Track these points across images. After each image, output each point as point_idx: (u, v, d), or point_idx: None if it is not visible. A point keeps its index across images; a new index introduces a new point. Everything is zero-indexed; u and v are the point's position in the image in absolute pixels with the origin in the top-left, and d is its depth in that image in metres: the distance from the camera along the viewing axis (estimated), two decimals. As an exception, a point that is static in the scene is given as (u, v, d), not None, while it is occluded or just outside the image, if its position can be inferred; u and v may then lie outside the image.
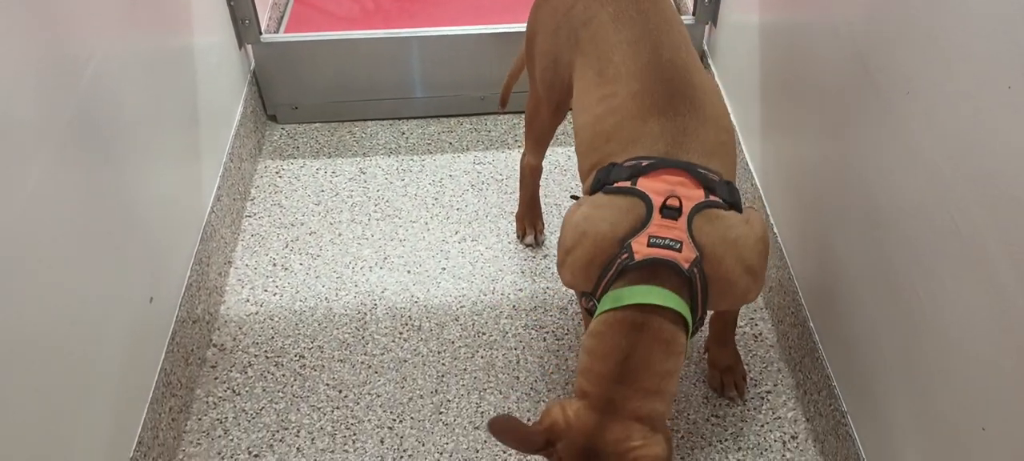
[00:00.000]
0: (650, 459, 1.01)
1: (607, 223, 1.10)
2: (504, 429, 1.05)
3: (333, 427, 1.44)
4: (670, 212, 1.08)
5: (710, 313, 1.36)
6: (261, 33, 1.97)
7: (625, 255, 1.08)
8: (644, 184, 1.10)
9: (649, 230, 1.07)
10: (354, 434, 1.43)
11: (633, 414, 1.03)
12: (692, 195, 1.09)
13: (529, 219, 1.74)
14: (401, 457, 1.40)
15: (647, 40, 1.21)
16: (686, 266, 1.06)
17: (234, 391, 1.51)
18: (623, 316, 1.06)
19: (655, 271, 1.06)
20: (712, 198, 1.10)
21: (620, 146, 1.16)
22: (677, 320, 1.07)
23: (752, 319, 1.60)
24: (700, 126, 1.15)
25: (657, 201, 1.08)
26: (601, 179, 1.15)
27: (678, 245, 1.06)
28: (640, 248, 1.07)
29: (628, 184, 1.11)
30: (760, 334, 1.58)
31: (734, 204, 1.14)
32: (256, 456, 1.41)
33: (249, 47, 2.00)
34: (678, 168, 1.11)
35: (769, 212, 1.61)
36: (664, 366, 1.05)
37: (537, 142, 1.58)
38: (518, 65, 1.70)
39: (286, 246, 1.79)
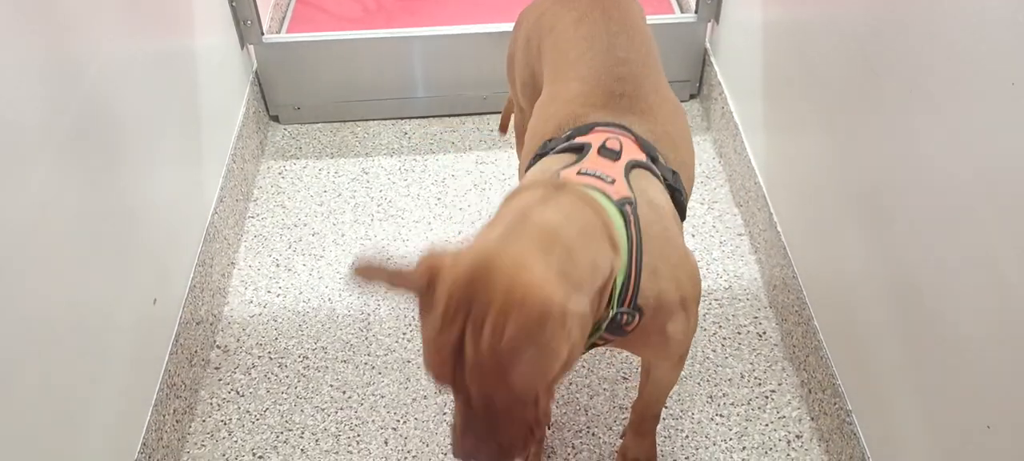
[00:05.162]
0: (539, 296, 0.70)
1: (540, 171, 1.02)
2: (368, 270, 0.75)
3: (337, 428, 1.45)
4: (608, 153, 0.96)
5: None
6: (263, 33, 1.98)
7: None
8: (582, 138, 1.02)
9: (581, 164, 0.95)
10: (358, 435, 1.43)
11: (541, 236, 0.76)
12: (632, 151, 0.98)
13: None
14: (405, 458, 1.40)
15: (602, 39, 1.16)
16: (617, 198, 0.89)
17: (238, 392, 1.51)
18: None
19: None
20: (653, 166, 1.00)
21: (557, 132, 1.09)
22: (607, 219, 0.85)
23: (756, 318, 1.60)
24: (643, 125, 1.07)
25: (598, 143, 0.97)
26: (538, 153, 1.08)
27: (611, 179, 0.92)
28: (568, 176, 0.94)
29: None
30: (764, 333, 1.57)
31: (676, 195, 1.02)
32: (260, 457, 1.41)
33: (251, 48, 2.00)
34: (621, 128, 1.02)
35: (772, 209, 1.60)
36: (588, 222, 0.81)
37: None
38: (512, 95, 1.70)
39: (289, 247, 1.79)
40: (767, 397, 1.46)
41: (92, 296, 1.16)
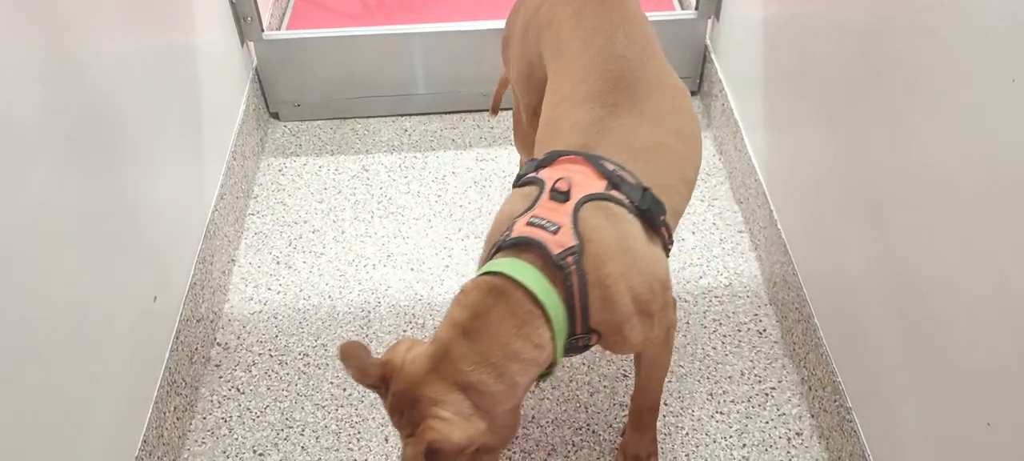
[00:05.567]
0: (437, 434, 0.90)
1: (509, 206, 1.06)
2: (350, 354, 0.99)
3: (338, 425, 1.45)
4: (558, 195, 1.00)
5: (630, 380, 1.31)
6: (263, 30, 1.97)
7: (507, 232, 1.02)
8: (544, 172, 1.05)
9: (533, 211, 1.00)
10: (359, 432, 1.43)
11: (461, 378, 0.93)
12: (588, 184, 1.01)
13: None
14: (405, 455, 1.40)
15: (601, 33, 1.16)
16: (557, 251, 0.96)
17: (238, 390, 1.51)
18: (488, 279, 0.97)
19: (527, 249, 0.98)
20: (613, 193, 1.01)
21: (553, 136, 1.12)
22: (536, 304, 0.95)
23: (756, 315, 1.60)
24: (634, 121, 1.09)
25: (551, 184, 1.02)
26: (520, 174, 1.11)
27: (555, 227, 0.97)
28: (519, 226, 1.00)
29: (533, 175, 1.06)
30: (764, 330, 1.57)
31: (645, 214, 1.03)
32: (261, 455, 1.41)
33: (251, 44, 2.00)
34: (582, 156, 1.04)
35: (772, 206, 1.60)
36: (512, 346, 0.94)
37: (524, 146, 1.56)
38: (505, 75, 1.70)
39: (289, 244, 1.79)
40: (767, 394, 1.47)
41: (92, 294, 1.16)
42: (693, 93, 2.14)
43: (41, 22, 1.06)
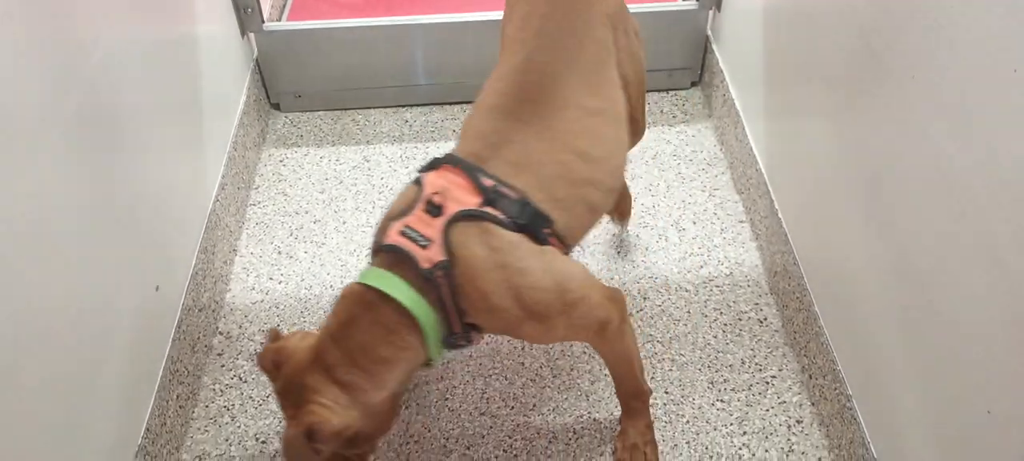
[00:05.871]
0: (316, 418, 0.99)
1: (396, 203, 1.10)
2: (270, 336, 1.11)
3: (339, 414, 1.45)
4: (432, 209, 1.05)
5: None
6: (264, 21, 1.97)
7: (383, 235, 1.08)
8: (427, 177, 1.08)
9: (407, 219, 1.05)
10: (360, 421, 1.44)
11: (335, 376, 1.02)
12: (463, 200, 1.04)
13: None
14: (407, 443, 1.40)
15: (533, 42, 1.17)
16: (426, 266, 1.02)
17: (241, 379, 1.52)
18: (359, 289, 1.04)
19: (399, 260, 1.04)
20: (488, 210, 1.04)
21: (461, 137, 1.15)
22: (404, 313, 1.02)
23: (757, 304, 1.60)
24: (532, 139, 1.10)
25: (426, 194, 1.06)
26: (423, 166, 1.14)
27: (425, 242, 1.03)
28: (392, 234, 1.05)
29: (419, 175, 1.10)
30: (765, 319, 1.58)
31: (526, 227, 1.06)
32: (263, 442, 1.42)
33: (252, 35, 2.00)
34: (462, 169, 1.07)
35: (773, 196, 1.61)
36: (379, 351, 1.03)
37: None
38: None
39: (291, 234, 1.79)
40: (768, 383, 1.47)
41: (94, 283, 1.16)
42: (694, 84, 2.14)
43: (42, 12, 1.06)
